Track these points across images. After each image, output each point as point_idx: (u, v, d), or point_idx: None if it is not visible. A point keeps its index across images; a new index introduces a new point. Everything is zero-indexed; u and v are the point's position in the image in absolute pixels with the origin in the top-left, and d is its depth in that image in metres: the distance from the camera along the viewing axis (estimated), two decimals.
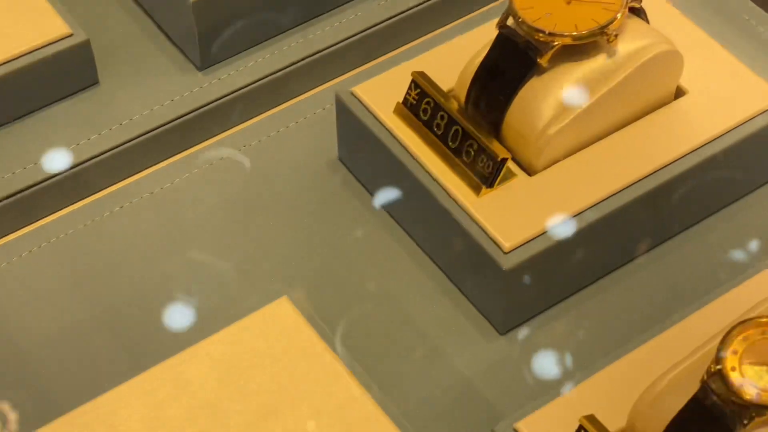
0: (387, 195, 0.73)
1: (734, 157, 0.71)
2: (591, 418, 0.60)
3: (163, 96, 0.77)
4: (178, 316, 0.69)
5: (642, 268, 0.71)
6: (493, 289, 0.67)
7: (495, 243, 0.66)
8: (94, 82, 0.78)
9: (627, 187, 0.68)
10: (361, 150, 0.73)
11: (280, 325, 0.64)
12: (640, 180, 0.68)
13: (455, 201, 0.68)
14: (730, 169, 0.71)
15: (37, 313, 0.69)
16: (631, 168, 0.69)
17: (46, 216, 0.74)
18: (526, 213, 0.67)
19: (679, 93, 0.72)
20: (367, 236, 0.73)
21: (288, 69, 0.79)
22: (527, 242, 0.66)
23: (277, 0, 0.79)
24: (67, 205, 0.75)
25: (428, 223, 0.70)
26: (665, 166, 0.69)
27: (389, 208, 0.73)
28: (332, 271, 0.71)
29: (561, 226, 0.67)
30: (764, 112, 0.71)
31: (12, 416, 0.65)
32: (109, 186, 0.76)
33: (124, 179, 0.76)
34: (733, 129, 0.70)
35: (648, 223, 0.70)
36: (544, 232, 0.67)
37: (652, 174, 0.69)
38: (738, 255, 0.70)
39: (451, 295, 0.70)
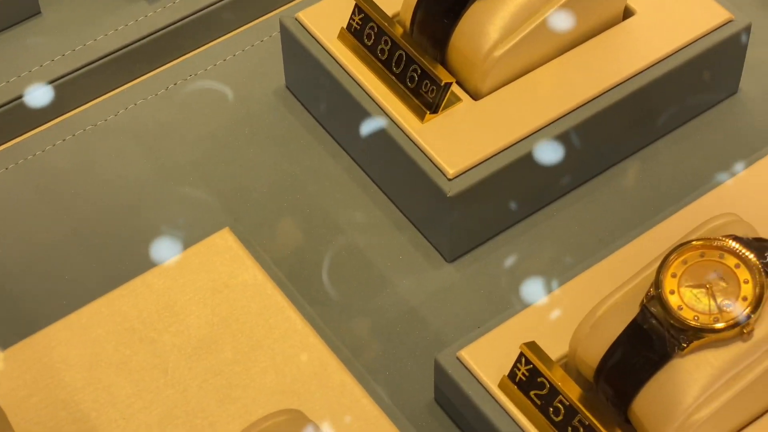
0: (333, 123, 0.73)
1: (682, 77, 0.71)
2: (532, 345, 0.60)
3: (108, 25, 0.77)
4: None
5: (586, 195, 0.71)
6: (438, 217, 0.68)
7: (439, 169, 0.66)
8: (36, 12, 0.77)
9: (573, 110, 0.68)
10: (307, 77, 0.73)
11: (221, 257, 0.65)
12: (586, 103, 0.68)
13: (399, 127, 0.68)
14: (677, 90, 0.71)
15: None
16: (577, 91, 0.69)
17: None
18: (471, 138, 0.67)
19: (628, 13, 0.72)
20: (314, 165, 0.73)
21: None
22: (472, 168, 0.66)
23: None
24: (16, 137, 0.75)
25: (373, 150, 0.70)
26: (612, 88, 0.69)
27: (336, 135, 0.73)
28: (278, 202, 0.71)
29: (506, 151, 0.67)
30: (713, 30, 0.71)
31: None
32: (57, 117, 0.75)
33: (71, 110, 0.76)
34: (681, 49, 0.70)
35: (594, 147, 0.70)
36: (490, 158, 0.67)
37: (598, 96, 0.69)
38: (679, 181, 0.70)
39: (398, 223, 0.70)
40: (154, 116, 0.75)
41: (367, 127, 0.69)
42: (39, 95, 0.74)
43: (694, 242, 0.58)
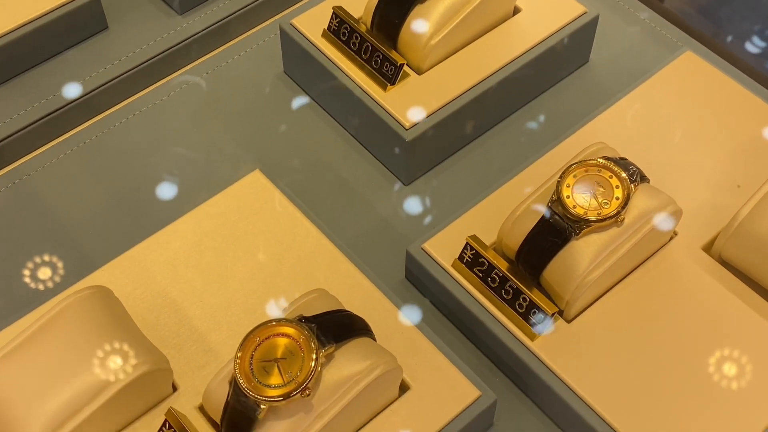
0: (320, 94, 0.71)
1: (553, 53, 0.70)
2: (474, 237, 0.60)
3: (149, 37, 0.74)
4: (169, 195, 0.67)
5: (503, 130, 0.70)
6: (399, 155, 0.67)
7: (399, 123, 0.65)
8: (104, 27, 0.74)
9: (485, 78, 0.67)
10: (300, 65, 0.71)
11: (257, 190, 0.63)
12: (493, 73, 0.68)
13: (369, 96, 0.66)
14: (550, 61, 0.71)
15: (71, 197, 0.67)
16: (487, 65, 0.68)
17: (69, 131, 0.71)
18: (419, 100, 0.66)
19: (516, 11, 0.71)
20: (306, 124, 0.71)
21: (239, 12, 0.76)
22: (422, 120, 0.65)
23: None
24: (84, 122, 0.72)
25: (350, 112, 0.69)
26: (508, 63, 0.68)
27: (322, 103, 0.72)
28: (282, 151, 0.69)
29: (443, 108, 0.66)
30: (572, 21, 0.70)
31: (60, 270, 0.63)
32: (112, 106, 0.72)
33: (122, 101, 0.73)
34: (551, 35, 0.70)
35: (501, 100, 0.69)
36: (432, 113, 0.66)
37: (500, 69, 0.68)
38: (565, 120, 0.70)
39: (369, 161, 0.69)
40: (196, 97, 0.72)
41: (346, 98, 0.68)
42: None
43: (580, 162, 0.58)
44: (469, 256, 0.59)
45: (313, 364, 0.49)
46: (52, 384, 0.51)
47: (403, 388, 0.55)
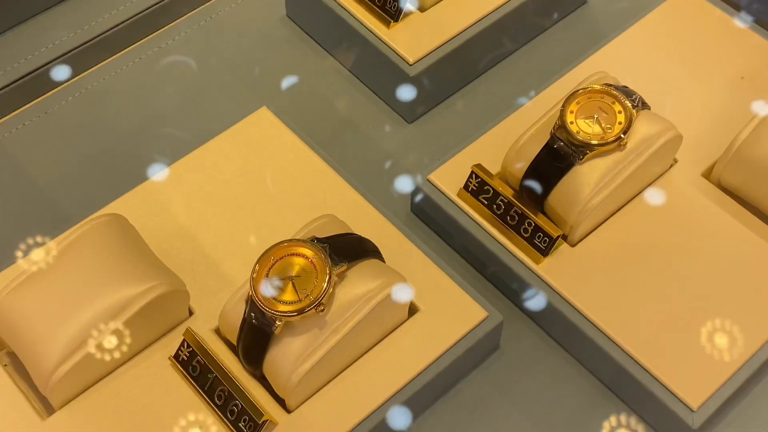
0: (323, 36, 0.72)
1: None
2: (479, 166, 0.61)
3: None
4: (179, 135, 0.68)
5: (505, 68, 0.71)
6: (403, 92, 0.68)
7: (403, 59, 0.66)
8: None
9: (487, 14, 0.68)
10: (303, 6, 0.72)
11: (266, 126, 0.63)
12: (494, 10, 0.68)
13: (372, 32, 0.67)
14: (549, 2, 0.71)
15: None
16: (488, 3, 0.69)
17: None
18: (421, 37, 0.67)
19: None
20: (310, 66, 0.72)
21: None
22: (423, 57, 0.67)
23: None
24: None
25: (355, 52, 0.70)
26: (508, 1, 0.69)
27: (325, 45, 0.72)
28: (287, 92, 0.70)
29: (446, 44, 0.67)
30: None
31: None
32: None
33: (127, 47, 0.73)
34: None
35: (502, 38, 0.70)
36: (436, 49, 0.67)
37: (501, 6, 0.69)
38: (565, 59, 0.71)
39: (372, 100, 0.70)
40: (206, 37, 0.73)
41: (350, 37, 0.69)
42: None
43: (583, 90, 0.59)
44: (474, 185, 0.60)
45: (326, 282, 0.51)
46: (72, 306, 0.52)
47: (412, 311, 0.57)
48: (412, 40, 0.67)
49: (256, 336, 0.52)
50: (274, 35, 0.73)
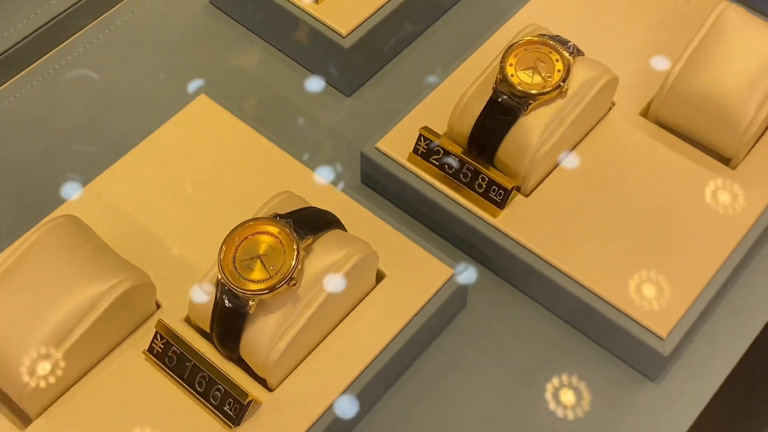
0: (250, 19, 0.72)
1: None
2: (426, 128, 0.61)
3: None
4: (120, 130, 0.67)
5: (435, 32, 0.72)
6: (339, 66, 0.68)
7: (335, 32, 0.67)
8: None
9: None
10: None
11: (209, 114, 0.63)
12: None
13: (301, 9, 0.67)
14: None
15: (19, 142, 0.66)
16: None
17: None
18: (349, 10, 0.67)
19: None
20: (240, 50, 0.71)
21: None
22: (355, 28, 0.67)
23: None
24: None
25: (286, 31, 0.70)
26: None
27: (253, 28, 0.72)
28: (221, 79, 0.70)
29: (375, 13, 0.67)
30: None
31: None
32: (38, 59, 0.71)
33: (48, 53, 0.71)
34: None
35: (430, 1, 0.71)
36: (366, 19, 0.67)
37: None
38: (495, 16, 0.71)
39: (310, 79, 0.70)
40: (131, 34, 0.72)
41: (283, 17, 0.68)
42: None
43: (519, 42, 0.60)
44: (423, 147, 0.61)
45: (295, 256, 0.51)
46: (38, 311, 0.51)
47: (379, 277, 0.57)
48: (341, 12, 0.67)
49: (230, 318, 0.51)
50: (200, 23, 0.73)
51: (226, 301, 0.51)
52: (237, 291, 0.51)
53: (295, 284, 0.51)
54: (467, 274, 0.58)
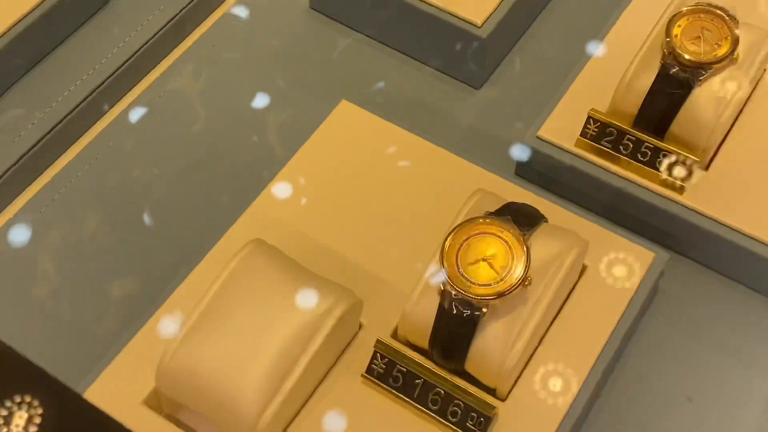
0: (359, 21, 0.69)
1: None
2: (594, 110, 0.58)
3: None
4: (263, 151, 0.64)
5: (554, 9, 0.70)
6: (472, 58, 0.65)
7: (470, 23, 0.64)
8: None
9: None
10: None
11: (353, 122, 0.60)
12: None
13: (428, 3, 0.65)
14: None
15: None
16: None
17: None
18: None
19: None
20: (352, 53, 0.68)
21: None
22: (490, 16, 0.64)
23: None
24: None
25: (412, 29, 0.66)
26: None
27: (360, 29, 0.69)
28: (343, 85, 0.66)
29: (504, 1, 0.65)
30: None
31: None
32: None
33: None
34: None
35: None
36: (497, 7, 0.65)
37: None
38: None
39: (433, 75, 0.67)
40: (242, 34, 0.69)
41: (408, 14, 0.65)
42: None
43: (680, 12, 0.57)
44: (593, 130, 0.59)
45: (525, 253, 0.48)
46: (254, 342, 0.47)
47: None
48: (473, 2, 0.64)
49: (459, 327, 0.48)
50: (303, 30, 0.69)
51: (454, 310, 0.48)
52: (469, 297, 0.47)
53: (529, 283, 0.48)
54: (660, 256, 0.56)
